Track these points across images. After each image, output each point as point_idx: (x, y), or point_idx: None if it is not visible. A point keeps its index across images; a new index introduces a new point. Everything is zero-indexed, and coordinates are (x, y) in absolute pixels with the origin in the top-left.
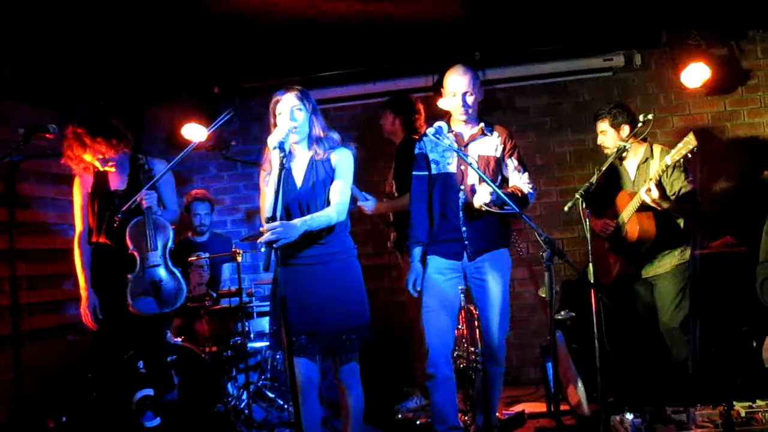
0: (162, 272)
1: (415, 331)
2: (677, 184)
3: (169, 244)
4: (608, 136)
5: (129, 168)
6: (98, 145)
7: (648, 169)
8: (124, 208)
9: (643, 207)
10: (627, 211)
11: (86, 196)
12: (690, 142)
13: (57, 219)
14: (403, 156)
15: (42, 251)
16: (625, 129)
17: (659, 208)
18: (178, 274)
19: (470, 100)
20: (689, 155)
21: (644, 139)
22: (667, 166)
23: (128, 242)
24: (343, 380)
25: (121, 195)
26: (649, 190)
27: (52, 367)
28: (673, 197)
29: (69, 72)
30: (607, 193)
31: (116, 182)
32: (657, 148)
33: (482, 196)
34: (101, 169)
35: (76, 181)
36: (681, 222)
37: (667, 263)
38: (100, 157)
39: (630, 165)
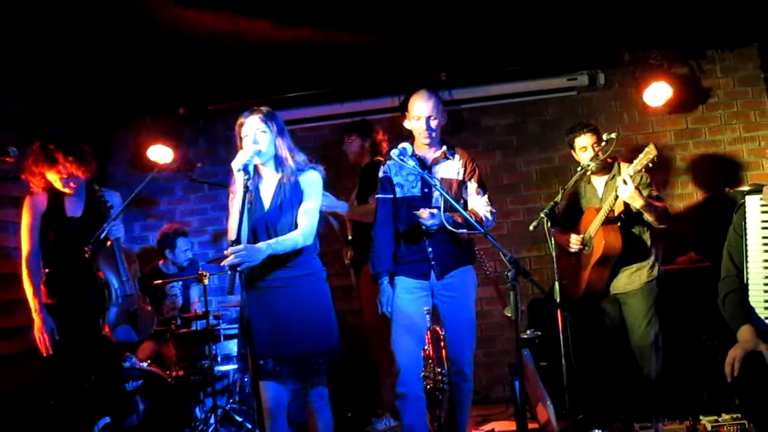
0: (134, 301)
1: (377, 353)
2: (646, 193)
3: (138, 273)
4: (588, 153)
5: (85, 196)
6: (70, 164)
7: (615, 185)
8: (94, 239)
9: (609, 220)
10: (594, 225)
11: (38, 217)
12: (650, 152)
13: (17, 243)
14: (368, 178)
15: (2, 276)
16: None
17: (634, 204)
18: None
19: (434, 124)
20: (650, 165)
21: (612, 157)
22: (630, 176)
23: (101, 272)
24: (311, 403)
25: (77, 223)
26: (624, 182)
27: (12, 394)
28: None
29: (32, 94)
30: (575, 211)
31: (72, 208)
32: (624, 165)
33: (423, 218)
34: (62, 189)
35: (28, 201)
36: (648, 238)
37: (636, 280)
38: (65, 177)
39: (598, 182)
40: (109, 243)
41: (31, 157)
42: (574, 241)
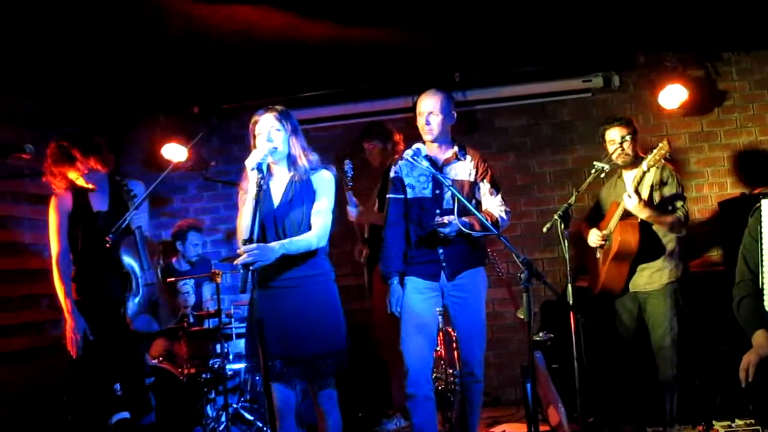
0: (156, 290)
1: (387, 353)
2: (668, 191)
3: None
4: (622, 145)
5: (109, 189)
6: (89, 161)
7: (638, 179)
8: (114, 229)
9: (628, 215)
10: (613, 221)
11: (65, 216)
12: (663, 147)
13: (33, 239)
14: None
15: (18, 272)
16: (637, 140)
17: (641, 217)
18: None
19: (433, 120)
20: (663, 160)
21: (644, 152)
22: (644, 173)
23: (123, 262)
24: (320, 405)
25: (105, 217)
26: (629, 196)
27: (28, 389)
28: (658, 201)
29: (48, 92)
30: (606, 205)
31: (97, 203)
32: None
33: (442, 228)
34: (86, 186)
35: (54, 201)
36: (672, 238)
37: (656, 280)
38: (87, 172)
39: (627, 177)
40: (131, 232)
41: (50, 158)
42: (594, 236)
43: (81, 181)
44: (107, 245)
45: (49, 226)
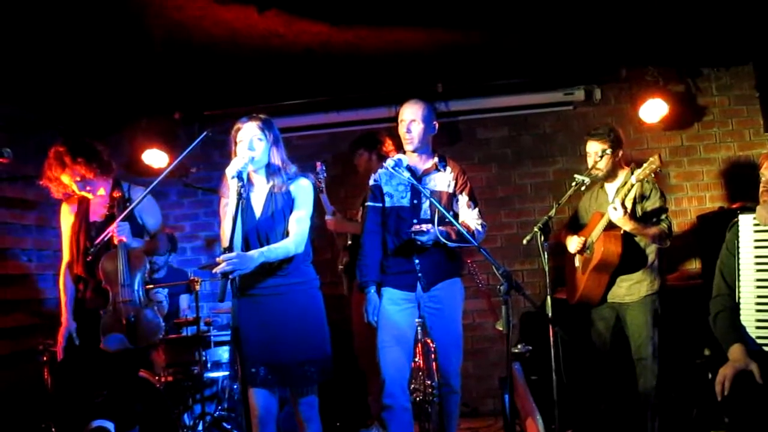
0: (135, 308)
1: (365, 362)
2: (650, 204)
3: (145, 277)
4: (602, 158)
5: (110, 199)
6: (78, 166)
7: (624, 191)
8: (97, 242)
9: (612, 226)
10: (596, 231)
11: (68, 225)
12: (654, 162)
13: (10, 244)
14: None
15: None
16: (619, 153)
17: (625, 228)
18: (155, 309)
19: (415, 128)
20: (653, 175)
21: (627, 163)
22: (633, 186)
23: (101, 276)
24: (301, 413)
25: (99, 227)
26: (615, 208)
27: (2, 396)
28: (641, 215)
29: (27, 96)
30: (587, 214)
31: (97, 213)
32: (636, 172)
33: (420, 236)
34: (79, 193)
35: (63, 209)
36: (652, 251)
37: (635, 292)
38: (78, 179)
39: (610, 188)
40: (115, 244)
41: (46, 161)
42: (574, 243)
43: (75, 188)
44: (89, 258)
45: (62, 233)
